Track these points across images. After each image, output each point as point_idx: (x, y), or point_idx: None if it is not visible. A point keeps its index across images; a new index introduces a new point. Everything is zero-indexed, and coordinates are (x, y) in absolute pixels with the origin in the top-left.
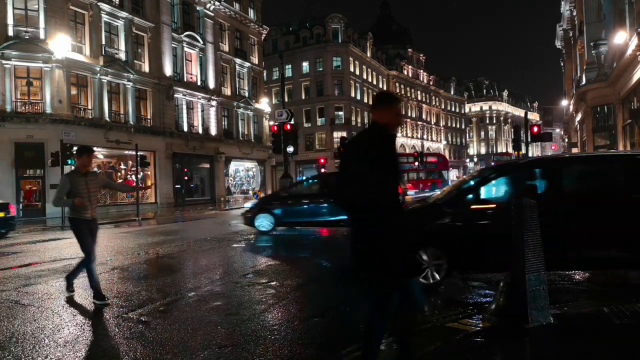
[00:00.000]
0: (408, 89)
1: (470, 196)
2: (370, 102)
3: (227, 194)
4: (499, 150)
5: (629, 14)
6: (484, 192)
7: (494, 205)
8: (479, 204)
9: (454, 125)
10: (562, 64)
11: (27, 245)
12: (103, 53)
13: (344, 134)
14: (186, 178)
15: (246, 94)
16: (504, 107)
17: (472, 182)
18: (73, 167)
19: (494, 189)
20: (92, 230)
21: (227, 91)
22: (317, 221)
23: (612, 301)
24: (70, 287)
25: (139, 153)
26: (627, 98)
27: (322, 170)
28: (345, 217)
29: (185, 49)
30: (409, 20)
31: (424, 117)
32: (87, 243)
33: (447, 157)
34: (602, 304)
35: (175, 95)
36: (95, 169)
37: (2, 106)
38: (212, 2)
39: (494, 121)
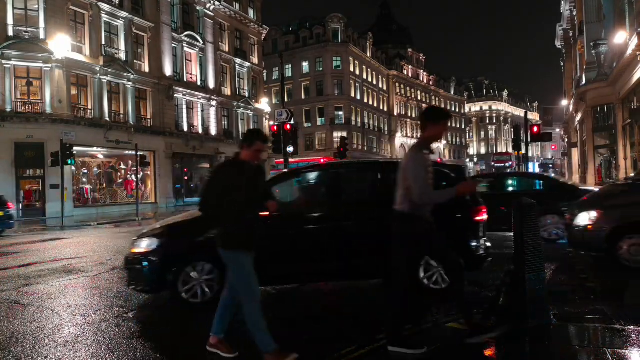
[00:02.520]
0: (408, 89)
1: None
2: (370, 102)
3: None
4: (499, 150)
5: (629, 14)
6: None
7: (267, 214)
8: None
9: (454, 125)
10: (562, 64)
11: (27, 245)
12: (103, 53)
13: (344, 133)
14: (186, 178)
15: (246, 94)
16: (504, 107)
17: None
18: (419, 142)
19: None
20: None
21: (227, 91)
22: None
23: (613, 302)
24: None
25: (139, 153)
26: (627, 98)
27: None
28: None
29: (185, 49)
30: (409, 20)
31: None
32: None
33: (447, 157)
34: (603, 304)
35: (175, 95)
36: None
37: (2, 106)
38: (212, 2)
39: (494, 121)
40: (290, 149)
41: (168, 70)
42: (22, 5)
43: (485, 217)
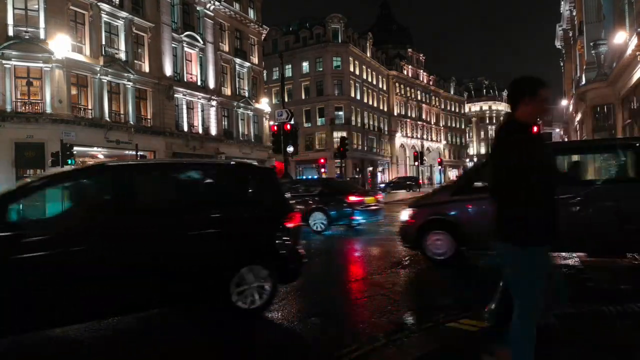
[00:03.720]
0: (408, 89)
1: None
2: (370, 102)
3: None
4: None
5: (628, 14)
6: (15, 210)
7: (18, 232)
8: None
9: (454, 125)
10: (562, 64)
11: None
12: (103, 53)
13: (344, 133)
14: None
15: (246, 94)
16: (503, 107)
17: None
18: None
19: (39, 204)
20: None
21: (227, 91)
22: None
23: (612, 302)
24: None
25: (139, 153)
26: (626, 98)
27: (322, 170)
28: None
29: (185, 49)
30: (408, 20)
31: (424, 117)
32: None
33: (447, 157)
34: (602, 304)
35: (175, 95)
36: None
37: (2, 106)
38: (212, 2)
39: (494, 121)
40: (290, 149)
41: (168, 70)
42: (22, 5)
43: (299, 223)
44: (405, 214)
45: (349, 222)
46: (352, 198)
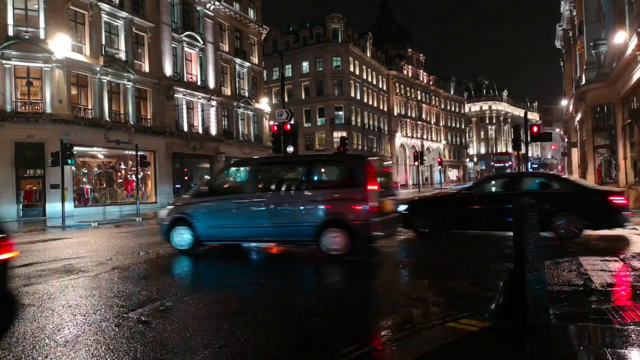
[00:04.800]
0: (408, 89)
1: None
2: (370, 102)
3: None
4: (498, 150)
5: (628, 14)
6: None
7: None
8: None
9: (454, 125)
10: (562, 64)
11: (27, 245)
12: (103, 53)
13: (344, 133)
14: (186, 178)
15: (246, 94)
16: (503, 107)
17: None
18: None
19: None
20: None
21: (227, 91)
22: None
23: (612, 302)
24: None
25: (139, 153)
26: (626, 98)
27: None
28: None
29: (185, 49)
30: (408, 20)
31: (423, 117)
32: None
33: (447, 157)
34: (603, 304)
35: (175, 95)
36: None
37: (2, 106)
38: (212, 2)
39: (494, 121)
40: (290, 149)
41: (168, 70)
42: (22, 5)
43: (12, 254)
44: (162, 212)
45: None
46: None
